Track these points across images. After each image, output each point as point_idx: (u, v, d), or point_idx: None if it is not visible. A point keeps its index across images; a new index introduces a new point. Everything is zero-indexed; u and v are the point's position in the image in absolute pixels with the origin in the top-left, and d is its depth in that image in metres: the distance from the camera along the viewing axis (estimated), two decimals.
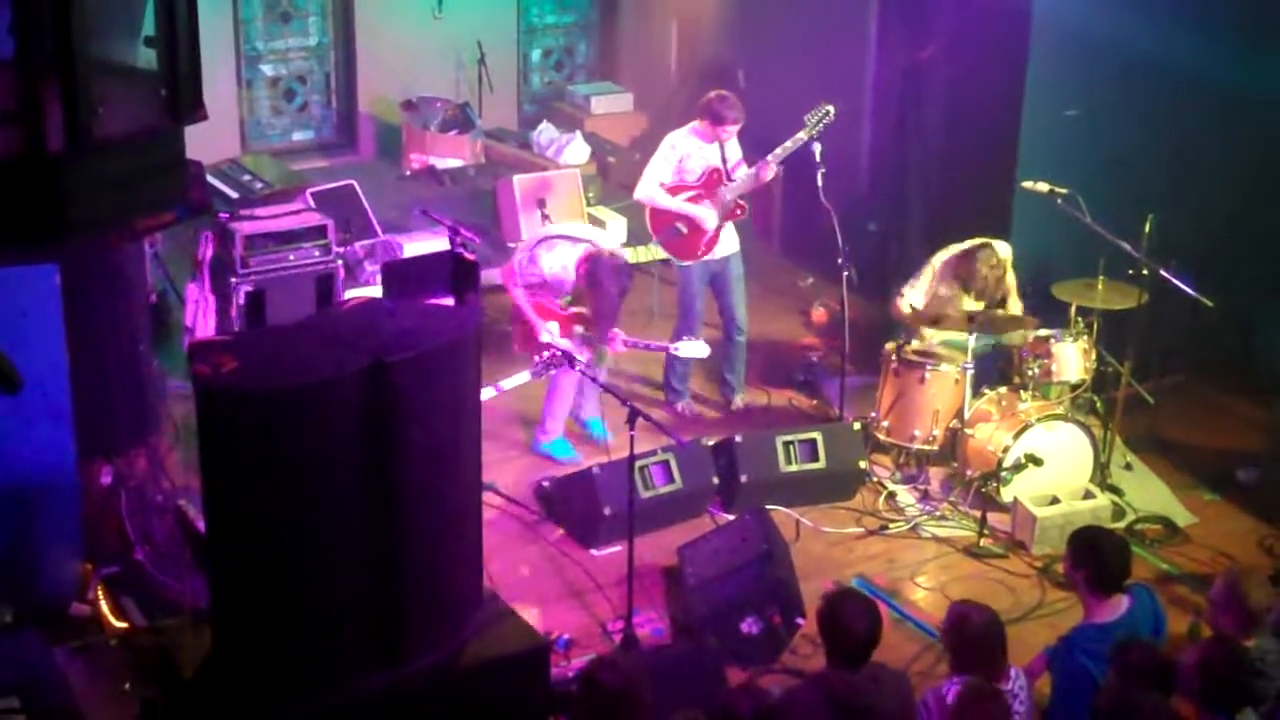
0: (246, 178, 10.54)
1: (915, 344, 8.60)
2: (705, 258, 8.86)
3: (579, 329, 8.35)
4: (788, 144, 8.58)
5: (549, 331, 8.22)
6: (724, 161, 8.80)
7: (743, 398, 9.26)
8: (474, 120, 11.66)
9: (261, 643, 5.41)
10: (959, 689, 5.32)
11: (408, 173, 11.56)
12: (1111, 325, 8.48)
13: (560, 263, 8.26)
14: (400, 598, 5.55)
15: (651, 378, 9.40)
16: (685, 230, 8.79)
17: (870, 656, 5.50)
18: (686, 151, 8.80)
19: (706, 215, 8.75)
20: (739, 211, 8.85)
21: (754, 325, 9.23)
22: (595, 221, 10.76)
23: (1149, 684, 5.28)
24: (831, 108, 8.54)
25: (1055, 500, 8.01)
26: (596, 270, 8.14)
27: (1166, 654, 5.63)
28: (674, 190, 8.81)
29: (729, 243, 8.93)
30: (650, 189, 8.82)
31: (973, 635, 5.60)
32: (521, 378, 8.32)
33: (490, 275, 8.90)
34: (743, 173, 8.79)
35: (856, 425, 8.50)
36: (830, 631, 5.51)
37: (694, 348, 8.48)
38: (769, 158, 8.66)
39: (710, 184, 8.78)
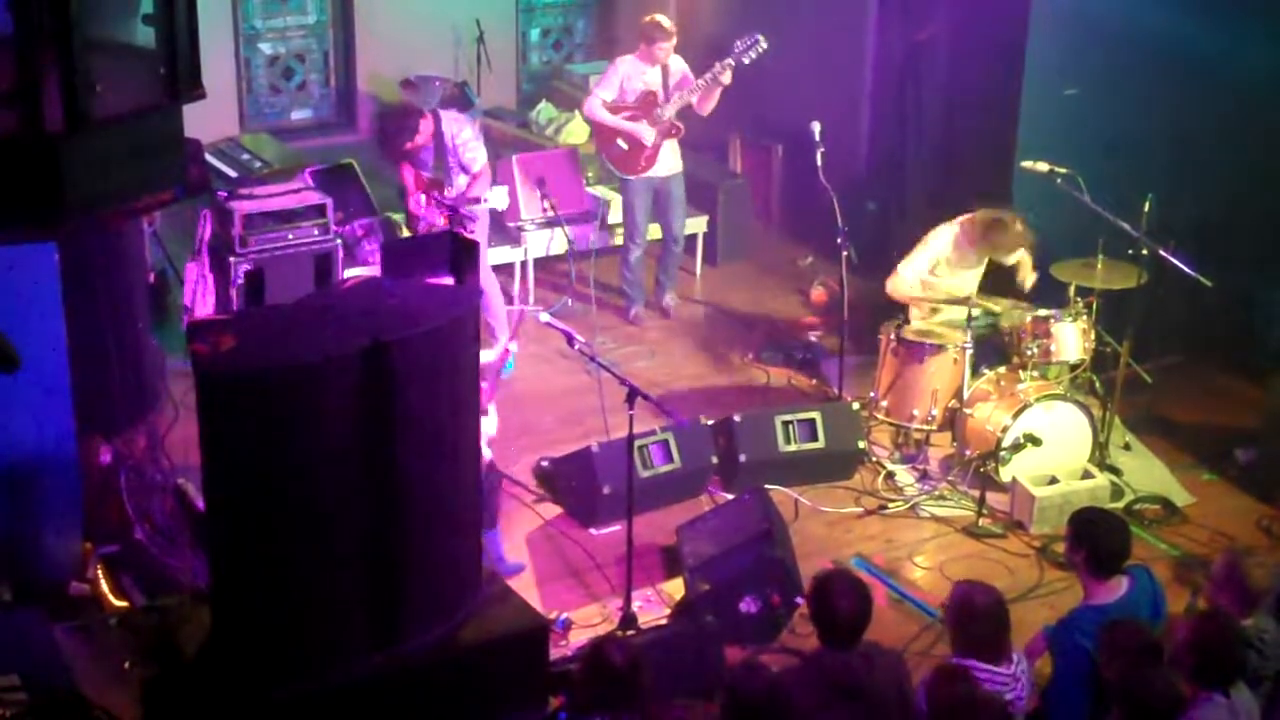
0: (245, 156, 10.51)
1: (914, 324, 8.60)
2: (647, 174, 9.68)
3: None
4: (717, 67, 9.30)
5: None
6: (665, 87, 9.56)
7: (672, 298, 10.21)
8: (473, 99, 11.61)
9: (261, 622, 5.41)
10: (929, 676, 5.30)
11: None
12: (1111, 305, 8.47)
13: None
14: (399, 577, 5.56)
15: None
16: (626, 146, 9.62)
17: (861, 636, 5.44)
18: (628, 74, 9.63)
19: (644, 131, 9.54)
20: (675, 131, 9.59)
21: (753, 303, 9.24)
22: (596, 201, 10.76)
23: (1136, 663, 5.28)
24: (762, 37, 9.18)
25: (1054, 480, 8.01)
26: None
27: (1154, 634, 5.62)
28: (613, 109, 9.62)
29: (670, 162, 9.72)
30: (593, 105, 9.69)
31: (976, 617, 5.55)
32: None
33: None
34: (677, 98, 9.50)
35: (855, 405, 8.51)
36: (819, 612, 5.47)
37: (498, 196, 8.88)
38: (703, 78, 9.37)
39: (645, 105, 9.58)
